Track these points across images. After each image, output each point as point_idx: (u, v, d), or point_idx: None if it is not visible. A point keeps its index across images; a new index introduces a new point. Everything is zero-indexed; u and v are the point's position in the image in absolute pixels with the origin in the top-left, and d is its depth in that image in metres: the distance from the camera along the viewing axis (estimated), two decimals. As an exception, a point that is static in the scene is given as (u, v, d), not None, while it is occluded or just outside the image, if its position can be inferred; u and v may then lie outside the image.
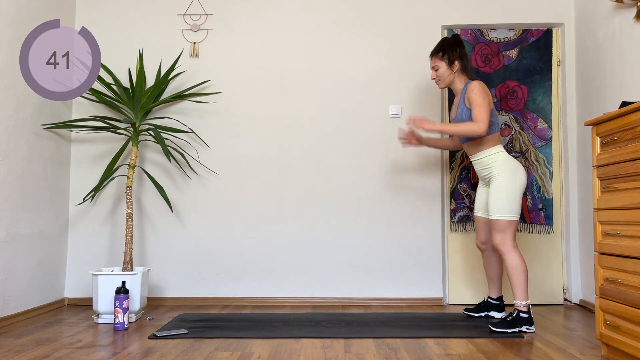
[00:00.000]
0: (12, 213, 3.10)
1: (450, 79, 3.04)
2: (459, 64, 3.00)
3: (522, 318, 2.78)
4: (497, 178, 2.88)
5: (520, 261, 2.82)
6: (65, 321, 3.13)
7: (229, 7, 3.85)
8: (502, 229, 2.85)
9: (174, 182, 3.78)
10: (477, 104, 2.83)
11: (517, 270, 2.81)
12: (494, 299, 3.17)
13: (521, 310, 2.79)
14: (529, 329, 2.79)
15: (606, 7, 3.29)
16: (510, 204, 2.84)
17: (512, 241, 2.85)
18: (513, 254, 2.83)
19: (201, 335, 2.71)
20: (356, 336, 2.71)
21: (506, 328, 2.76)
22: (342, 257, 3.73)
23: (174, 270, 3.74)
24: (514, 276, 2.81)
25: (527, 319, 2.78)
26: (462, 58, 3.02)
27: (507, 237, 2.84)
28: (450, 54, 3.00)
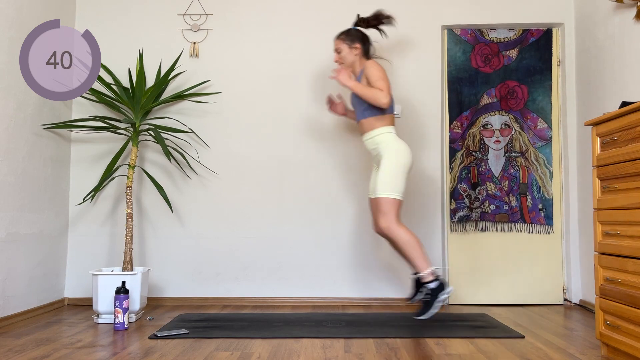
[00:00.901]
0: (12, 213, 3.10)
1: (352, 61, 3.10)
2: (360, 47, 3.08)
3: (433, 290, 2.77)
4: (384, 157, 2.94)
5: (408, 235, 2.84)
6: (65, 321, 3.13)
7: (229, 7, 3.85)
8: (385, 210, 2.86)
9: (174, 182, 3.78)
10: (378, 77, 2.90)
11: (408, 244, 2.83)
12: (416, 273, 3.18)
13: (428, 281, 2.79)
14: (444, 294, 2.79)
15: (606, 7, 3.29)
16: (394, 182, 2.88)
17: (396, 219, 2.86)
18: (398, 230, 2.83)
19: (201, 335, 2.71)
20: (356, 336, 2.71)
21: (429, 309, 2.77)
22: (342, 257, 3.73)
23: (174, 270, 3.74)
24: (408, 252, 2.83)
25: (438, 287, 2.78)
26: (364, 42, 3.10)
27: (390, 217, 2.86)
28: (353, 36, 3.09)
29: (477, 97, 3.82)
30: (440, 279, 2.83)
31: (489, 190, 3.78)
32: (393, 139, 2.98)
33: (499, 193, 3.77)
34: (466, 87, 3.82)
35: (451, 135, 3.81)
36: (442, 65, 3.84)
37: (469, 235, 3.77)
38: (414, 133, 3.76)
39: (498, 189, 3.78)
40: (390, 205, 2.86)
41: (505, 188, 3.77)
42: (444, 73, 3.84)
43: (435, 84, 3.78)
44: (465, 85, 3.82)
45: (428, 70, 3.79)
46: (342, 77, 2.95)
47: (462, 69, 3.83)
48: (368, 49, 3.13)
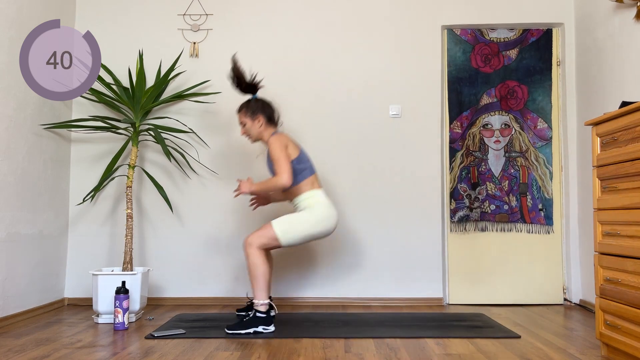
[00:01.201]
0: (12, 213, 3.10)
1: (258, 133, 3.03)
2: (262, 117, 3.00)
3: (259, 318, 2.76)
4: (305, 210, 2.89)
5: (261, 261, 2.80)
6: (65, 321, 3.13)
7: (229, 7, 3.85)
8: (263, 234, 2.81)
9: (174, 182, 3.78)
10: (275, 159, 2.85)
11: (257, 268, 2.79)
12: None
13: (258, 310, 2.77)
14: (266, 329, 2.77)
15: (606, 7, 3.29)
16: (292, 228, 2.83)
17: (259, 244, 2.81)
18: (255, 252, 2.80)
19: (201, 335, 2.71)
20: (356, 336, 2.71)
21: (240, 329, 2.74)
22: (342, 257, 3.73)
23: (174, 270, 3.74)
24: (254, 274, 2.80)
25: (264, 318, 2.76)
26: (264, 110, 3.01)
27: (260, 241, 2.81)
28: (253, 108, 3.00)
29: (477, 97, 3.82)
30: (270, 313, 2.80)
31: (489, 190, 3.78)
32: (320, 203, 2.91)
33: (499, 193, 3.77)
34: (466, 87, 3.82)
35: (451, 135, 3.81)
36: (442, 65, 3.84)
37: (469, 235, 3.77)
38: (414, 133, 3.76)
39: (498, 189, 3.78)
40: (269, 234, 2.81)
41: (505, 188, 3.77)
42: (444, 73, 3.84)
43: (435, 84, 3.78)
44: (465, 85, 3.82)
45: (428, 70, 3.78)
46: (244, 189, 2.92)
47: (462, 69, 3.83)
48: (271, 116, 3.03)
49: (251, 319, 2.77)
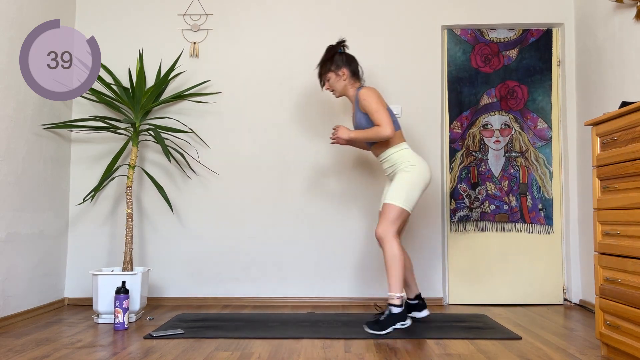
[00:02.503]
0: (12, 213, 3.10)
1: (343, 87, 3.01)
2: (347, 70, 2.98)
3: (395, 315, 2.72)
4: (401, 171, 2.87)
5: (399, 251, 2.76)
6: (65, 321, 3.13)
7: (229, 7, 3.85)
8: (391, 218, 2.79)
9: (174, 182, 3.78)
10: (374, 110, 2.83)
11: (394, 259, 2.75)
12: (411, 299, 3.11)
13: (394, 304, 2.73)
14: (403, 324, 2.74)
15: (606, 7, 3.29)
16: (407, 194, 2.81)
17: (395, 231, 2.79)
18: (393, 242, 2.76)
19: (201, 336, 2.71)
20: (356, 336, 2.70)
21: (379, 330, 2.70)
22: (342, 257, 3.73)
23: (174, 270, 3.74)
24: (391, 266, 2.75)
25: (399, 314, 2.73)
26: (349, 64, 2.99)
27: (393, 227, 2.79)
28: (338, 62, 2.98)
29: (477, 97, 3.82)
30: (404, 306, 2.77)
31: (489, 190, 3.78)
32: (410, 154, 2.90)
33: (499, 193, 3.77)
34: (466, 87, 3.82)
35: (451, 135, 3.81)
36: (442, 65, 3.84)
37: (469, 235, 3.77)
38: (414, 133, 3.76)
39: (498, 189, 3.78)
40: (397, 214, 2.79)
41: (505, 188, 3.77)
42: (444, 73, 3.84)
43: (435, 84, 3.78)
44: (465, 85, 3.82)
45: (428, 70, 3.78)
46: (341, 135, 2.91)
47: (462, 69, 3.83)
48: (356, 70, 3.01)
49: (387, 318, 2.73)
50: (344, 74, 2.98)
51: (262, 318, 3.15)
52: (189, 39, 3.84)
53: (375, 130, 2.82)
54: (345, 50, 3.05)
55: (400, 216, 2.80)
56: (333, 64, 2.99)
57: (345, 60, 2.99)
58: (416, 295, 3.09)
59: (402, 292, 2.75)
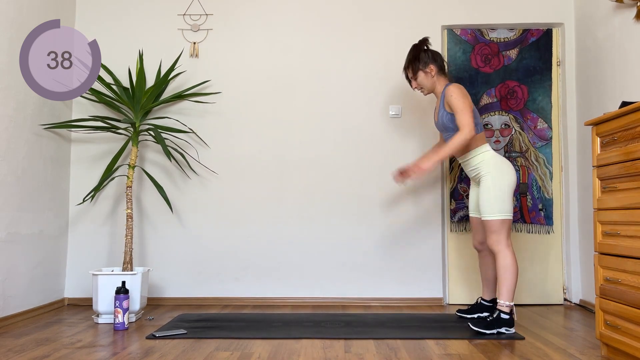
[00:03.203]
0: (12, 213, 3.10)
1: (431, 84, 3.01)
2: (434, 67, 2.99)
3: (503, 319, 2.74)
4: (486, 178, 2.86)
5: (512, 261, 2.79)
6: (65, 321, 3.13)
7: (229, 7, 3.85)
8: (496, 229, 2.82)
9: (174, 182, 3.78)
10: (459, 109, 2.82)
11: (507, 270, 2.78)
12: (487, 300, 3.15)
13: (503, 311, 2.76)
14: (508, 330, 2.75)
15: (606, 7, 3.29)
16: (500, 203, 2.81)
17: (507, 240, 2.82)
18: (505, 252, 2.80)
19: (201, 336, 2.71)
20: (356, 336, 2.70)
21: (484, 328, 2.72)
22: (342, 257, 3.73)
23: (174, 270, 3.74)
24: (503, 275, 2.79)
25: (507, 320, 2.75)
26: (436, 60, 3.00)
27: (501, 236, 2.82)
28: (425, 59, 2.99)
29: (477, 97, 3.82)
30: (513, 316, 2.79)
31: (489, 190, 3.77)
32: (492, 157, 2.87)
33: (499, 193, 3.77)
34: (466, 87, 3.82)
35: (451, 135, 3.81)
36: (442, 65, 3.84)
37: (469, 235, 3.77)
38: (414, 133, 3.76)
39: (498, 189, 3.77)
40: (500, 225, 2.81)
41: (505, 188, 3.77)
42: (444, 73, 3.84)
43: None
44: (465, 85, 3.82)
45: (428, 70, 3.78)
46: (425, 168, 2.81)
47: (462, 69, 3.83)
48: (442, 65, 3.01)
49: (495, 320, 2.74)
50: (432, 70, 2.99)
51: (262, 318, 3.15)
52: (189, 39, 3.84)
53: (456, 140, 2.79)
54: (429, 47, 3.06)
55: (503, 225, 2.82)
56: (420, 62, 2.99)
57: (431, 56, 3.00)
58: (492, 299, 3.15)
59: (512, 302, 2.79)
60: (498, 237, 2.82)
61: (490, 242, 2.84)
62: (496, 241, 2.82)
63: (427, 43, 3.04)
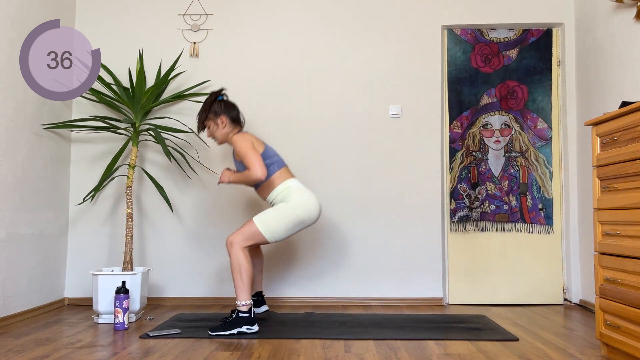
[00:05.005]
0: (12, 213, 3.10)
1: (224, 134, 3.01)
2: (226, 118, 2.98)
3: (242, 318, 2.74)
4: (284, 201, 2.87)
5: (245, 261, 2.77)
6: (65, 321, 3.13)
7: (229, 7, 3.85)
8: (246, 231, 2.79)
9: (174, 182, 3.78)
10: (243, 154, 2.84)
11: (238, 270, 2.77)
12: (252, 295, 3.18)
13: (241, 310, 2.76)
14: (250, 329, 2.75)
15: (606, 7, 3.29)
16: (274, 222, 2.80)
17: (244, 245, 2.79)
18: (239, 254, 2.77)
19: (200, 335, 2.71)
20: (356, 336, 2.70)
21: (224, 330, 2.72)
22: (342, 257, 3.73)
23: (174, 270, 3.74)
24: (235, 276, 2.78)
25: (246, 318, 2.75)
26: (228, 111, 2.99)
27: (243, 240, 2.79)
28: (216, 110, 2.98)
29: (477, 97, 3.82)
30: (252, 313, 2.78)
31: (489, 190, 3.78)
32: (295, 190, 2.89)
33: (499, 193, 3.77)
34: (466, 87, 3.82)
35: (451, 135, 3.81)
36: (442, 65, 3.84)
37: (469, 235, 3.77)
38: (414, 133, 3.76)
39: (498, 189, 3.78)
40: (251, 232, 2.79)
41: (505, 188, 3.78)
42: (444, 73, 3.84)
43: (435, 84, 3.78)
44: (465, 85, 3.82)
45: (428, 70, 3.78)
46: (224, 179, 2.94)
47: (462, 69, 3.83)
48: (236, 117, 3.01)
49: (234, 320, 2.76)
50: (223, 122, 2.99)
51: (262, 318, 3.15)
52: (189, 39, 3.84)
53: (246, 173, 2.83)
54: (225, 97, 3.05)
55: (255, 237, 2.80)
56: (212, 112, 2.99)
57: (223, 108, 2.99)
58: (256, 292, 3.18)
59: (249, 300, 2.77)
60: (241, 238, 2.79)
61: (231, 238, 2.79)
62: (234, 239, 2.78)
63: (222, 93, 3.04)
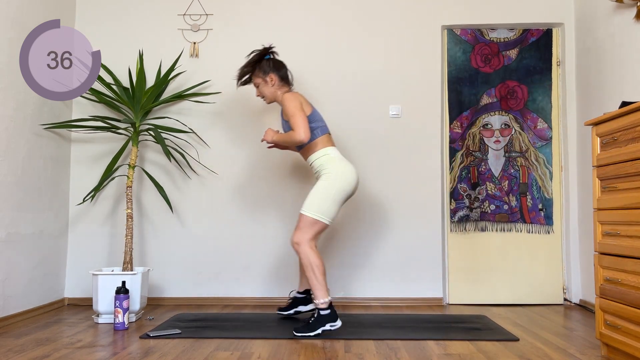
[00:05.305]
0: (12, 213, 3.10)
1: (272, 92, 3.01)
2: (275, 76, 2.98)
3: (324, 316, 2.73)
4: (321, 178, 2.86)
5: (314, 259, 2.75)
6: (65, 321, 3.13)
7: (229, 7, 3.85)
8: (304, 226, 2.78)
9: (174, 182, 3.78)
10: (290, 114, 2.84)
11: (310, 268, 2.75)
12: (300, 292, 3.15)
13: (321, 308, 2.74)
14: (333, 325, 2.73)
15: (606, 7, 3.29)
16: (322, 204, 2.78)
17: (310, 240, 2.78)
18: (307, 251, 2.76)
19: (200, 335, 2.71)
20: (356, 337, 2.70)
21: (308, 332, 2.71)
22: (342, 257, 3.73)
23: (174, 270, 3.74)
24: (309, 275, 2.76)
25: (328, 315, 2.73)
26: (277, 69, 2.99)
27: (306, 234, 2.78)
28: (265, 68, 2.98)
29: (477, 97, 3.82)
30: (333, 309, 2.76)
31: (489, 190, 3.78)
32: (331, 159, 2.87)
33: (499, 193, 3.77)
34: (466, 87, 3.82)
35: (451, 135, 3.81)
36: (442, 65, 3.84)
37: (469, 235, 3.77)
38: (414, 133, 3.76)
39: (498, 189, 3.78)
40: (310, 223, 2.78)
41: (505, 188, 3.78)
42: (444, 73, 3.84)
43: (435, 84, 3.78)
44: (465, 85, 3.82)
45: (428, 70, 3.78)
46: (267, 138, 2.97)
47: (462, 69, 3.83)
48: (285, 76, 3.01)
49: (317, 320, 2.73)
50: (273, 80, 2.99)
51: (262, 318, 3.15)
52: (189, 39, 3.84)
53: (290, 134, 2.85)
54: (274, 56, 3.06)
55: (313, 225, 2.79)
56: (261, 69, 2.99)
57: (272, 66, 3.00)
58: (304, 290, 3.16)
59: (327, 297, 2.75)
60: (304, 235, 2.78)
61: (295, 238, 2.80)
62: (298, 239, 2.79)
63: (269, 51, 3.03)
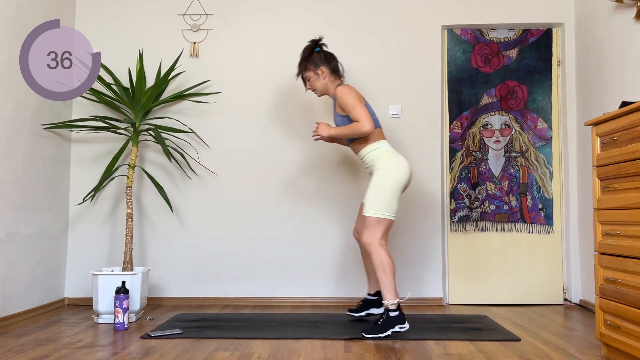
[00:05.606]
0: (12, 213, 3.10)
1: (323, 85, 2.99)
2: (326, 69, 2.96)
3: (393, 318, 2.71)
4: (375, 173, 2.84)
5: (386, 259, 2.74)
6: (65, 321, 3.13)
7: (229, 7, 3.85)
8: (371, 226, 2.77)
9: (174, 182, 3.78)
10: (351, 107, 2.81)
11: (382, 268, 2.74)
12: (372, 294, 3.13)
13: (390, 309, 2.73)
14: (402, 327, 2.72)
15: (606, 7, 3.29)
16: (382, 201, 2.77)
17: (380, 239, 2.77)
18: (379, 251, 2.75)
19: (200, 335, 2.71)
20: (356, 337, 2.70)
21: (379, 333, 2.69)
22: (342, 257, 3.73)
23: (174, 270, 3.74)
24: (380, 275, 2.75)
25: (397, 317, 2.72)
26: (328, 61, 2.97)
27: (375, 234, 2.77)
28: (316, 61, 2.96)
29: (477, 97, 3.82)
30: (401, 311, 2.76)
31: (489, 190, 3.78)
32: (384, 153, 2.85)
33: (499, 193, 3.77)
34: (466, 87, 3.82)
35: (451, 135, 3.81)
36: (442, 65, 3.84)
37: (469, 235, 3.77)
38: (414, 133, 3.76)
39: (498, 189, 3.78)
40: (375, 222, 2.77)
41: (505, 188, 3.77)
42: (444, 73, 3.84)
43: (435, 84, 3.78)
44: (465, 85, 3.82)
45: (428, 70, 3.78)
46: (322, 133, 2.91)
47: (462, 69, 3.83)
48: (336, 68, 2.98)
49: (386, 321, 2.71)
50: (324, 72, 2.97)
51: (262, 318, 3.15)
52: (189, 39, 3.84)
53: (354, 126, 2.80)
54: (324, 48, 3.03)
55: (379, 224, 2.77)
56: (311, 63, 2.97)
57: (323, 58, 2.97)
58: (375, 292, 3.13)
59: (396, 299, 2.74)
60: (370, 235, 2.77)
61: (362, 239, 2.80)
62: (368, 239, 2.78)
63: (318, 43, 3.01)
